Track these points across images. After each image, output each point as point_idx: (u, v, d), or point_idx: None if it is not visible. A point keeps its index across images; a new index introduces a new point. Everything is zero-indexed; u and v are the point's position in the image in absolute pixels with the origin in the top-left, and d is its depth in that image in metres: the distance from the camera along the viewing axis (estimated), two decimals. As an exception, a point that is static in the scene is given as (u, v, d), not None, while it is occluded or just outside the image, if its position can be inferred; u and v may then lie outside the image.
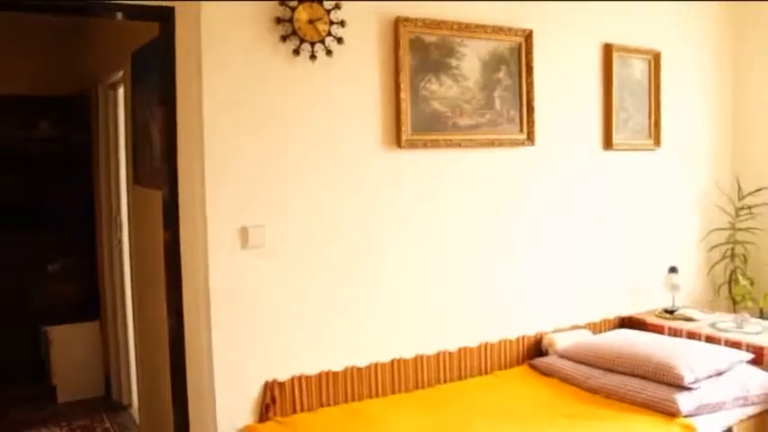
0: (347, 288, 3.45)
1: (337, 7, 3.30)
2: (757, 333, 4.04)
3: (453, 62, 3.68)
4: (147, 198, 3.99)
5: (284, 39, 3.20)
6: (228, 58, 3.10)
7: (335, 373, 3.41)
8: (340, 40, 3.31)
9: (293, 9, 3.19)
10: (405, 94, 3.51)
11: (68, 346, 5.32)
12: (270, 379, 3.24)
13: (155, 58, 3.41)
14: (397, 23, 3.49)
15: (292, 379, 3.29)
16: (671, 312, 4.43)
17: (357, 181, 3.46)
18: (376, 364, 3.53)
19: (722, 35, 5.01)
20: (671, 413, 3.27)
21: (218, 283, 3.11)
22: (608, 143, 4.34)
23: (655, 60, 4.55)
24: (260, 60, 3.17)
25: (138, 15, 3.25)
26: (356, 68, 3.43)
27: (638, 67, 4.49)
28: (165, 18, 3.21)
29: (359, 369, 3.48)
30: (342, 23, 3.31)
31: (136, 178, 4.32)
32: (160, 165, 3.38)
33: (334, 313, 3.42)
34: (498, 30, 3.81)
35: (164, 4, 3.18)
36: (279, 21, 3.18)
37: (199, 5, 3.04)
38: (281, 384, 3.26)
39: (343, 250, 3.43)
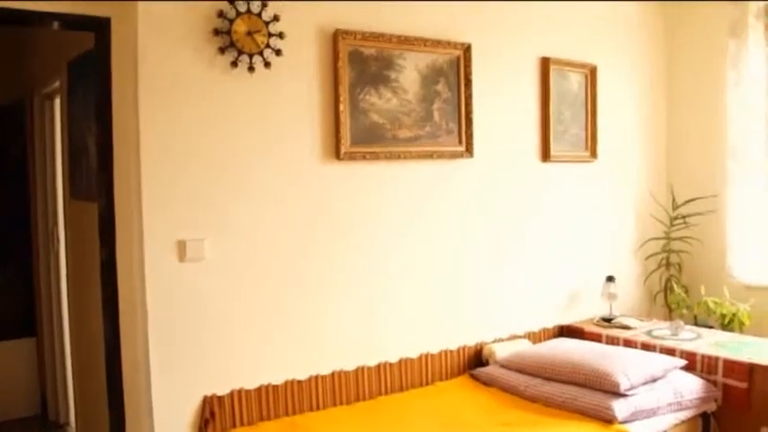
0: (287, 301, 3.44)
1: (276, 19, 3.29)
2: (691, 340, 4.14)
3: (392, 75, 3.71)
4: (83, 212, 3.92)
5: (222, 50, 3.18)
6: (165, 69, 3.07)
7: (275, 387, 3.38)
8: (279, 53, 3.31)
9: (231, 21, 3.18)
10: (344, 107, 3.52)
11: (3, 363, 5.18)
12: (209, 394, 3.20)
13: (91, 69, 3.36)
14: (336, 36, 3.50)
15: (231, 393, 3.26)
16: (608, 321, 4.52)
17: (297, 194, 3.45)
18: (316, 377, 3.52)
19: (656, 49, 5.15)
20: (607, 420, 3.33)
21: (156, 298, 3.06)
22: (545, 155, 4.42)
23: (591, 74, 4.65)
24: (197, 72, 3.15)
25: (73, 25, 3.20)
26: (295, 81, 3.43)
27: (575, 81, 4.58)
28: (101, 28, 3.18)
29: (299, 382, 3.46)
30: (280, 35, 3.30)
31: (72, 191, 4.24)
32: (96, 178, 3.33)
33: (274, 326, 3.40)
34: (437, 43, 3.85)
35: (100, 14, 3.14)
36: (217, 32, 3.16)
37: (136, 16, 3.01)
38: (220, 399, 3.22)
39: (283, 263, 3.42)
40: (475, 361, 4.11)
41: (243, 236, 3.30)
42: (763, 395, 3.65)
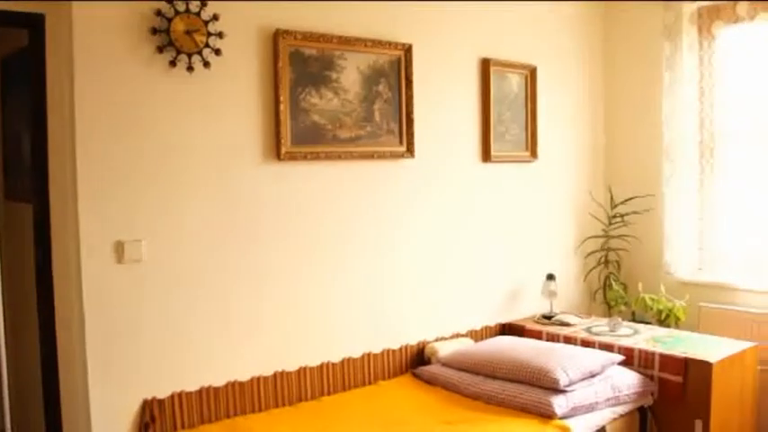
0: (228, 302, 3.41)
1: (215, 18, 3.26)
2: (628, 336, 4.23)
3: (333, 75, 3.71)
4: (18, 213, 3.83)
5: (160, 50, 3.14)
6: (102, 68, 3.02)
7: (216, 389, 3.36)
8: (218, 52, 3.28)
9: (170, 20, 3.14)
10: (284, 107, 3.51)
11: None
12: (148, 397, 3.16)
13: (25, 67, 3.28)
14: (277, 36, 3.49)
15: (172, 396, 3.22)
16: (549, 318, 4.59)
17: (237, 194, 3.43)
18: (258, 378, 3.50)
19: (595, 52, 5.24)
20: (547, 415, 3.39)
21: (93, 300, 3.02)
22: (486, 155, 4.46)
23: (531, 75, 4.71)
24: (135, 71, 3.10)
25: (5, 21, 3.12)
26: (235, 80, 3.40)
27: (515, 82, 4.64)
28: (35, 25, 3.11)
29: (241, 383, 3.44)
30: (220, 35, 3.27)
31: (7, 192, 4.14)
32: (31, 178, 3.26)
33: (215, 328, 3.37)
34: (378, 43, 3.86)
35: (33, 10, 3.08)
36: (155, 31, 3.12)
37: (71, 13, 2.95)
38: (161, 402, 3.18)
39: (223, 264, 3.39)
40: (417, 360, 4.14)
41: (182, 237, 3.26)
42: (696, 389, 3.74)
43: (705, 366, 3.73)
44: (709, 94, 4.86)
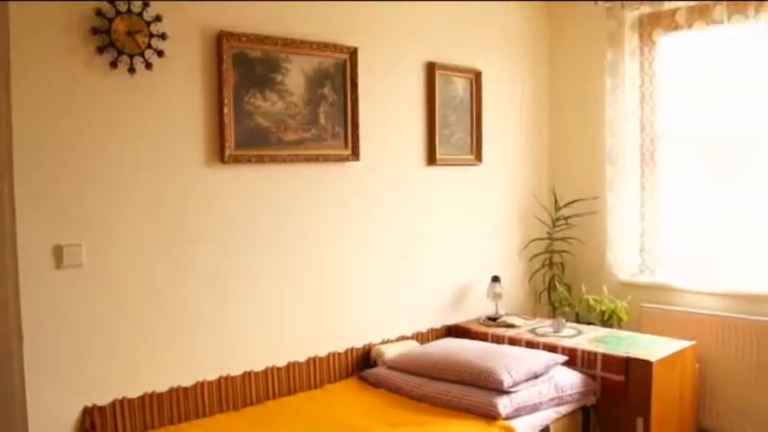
0: (170, 307, 3.37)
1: (158, 19, 3.22)
2: (572, 336, 4.29)
3: (278, 77, 3.69)
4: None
5: (101, 50, 3.09)
6: (40, 69, 2.95)
7: (160, 395, 3.31)
8: (161, 54, 3.24)
9: (111, 20, 3.09)
10: (228, 109, 3.48)
11: None
12: (89, 404, 3.10)
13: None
14: (221, 38, 3.46)
15: (113, 403, 3.16)
16: (494, 320, 4.63)
17: (179, 198, 3.38)
18: (202, 383, 3.46)
19: (540, 56, 5.31)
20: (492, 416, 3.42)
21: (31, 306, 2.94)
22: (431, 158, 4.48)
23: (476, 79, 4.75)
24: (74, 72, 3.04)
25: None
26: (178, 82, 3.36)
27: (461, 85, 4.67)
28: (-31, 25, 3.03)
29: (184, 389, 3.39)
30: (163, 36, 3.23)
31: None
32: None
33: (157, 333, 3.32)
34: (323, 46, 3.86)
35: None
36: (95, 31, 3.06)
37: (7, 12, 2.88)
38: (102, 409, 3.13)
39: (165, 268, 3.35)
40: (363, 363, 4.14)
41: (123, 241, 3.21)
42: (638, 387, 3.82)
43: (645, 365, 3.80)
44: (650, 99, 4.96)
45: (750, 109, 4.43)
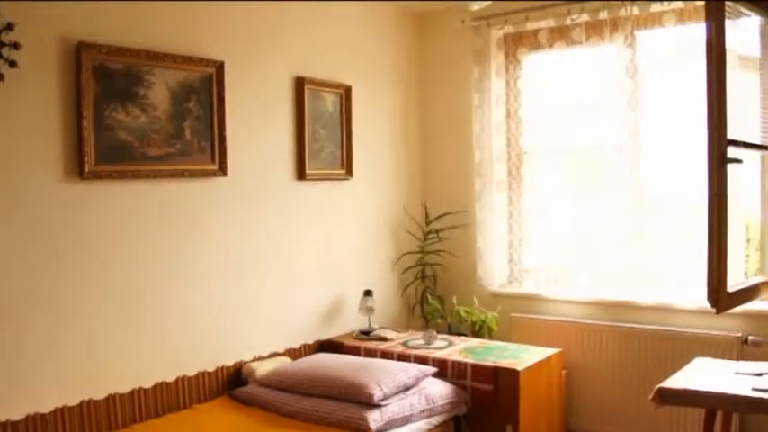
0: (26, 330, 3.19)
1: (10, 28, 3.06)
2: (443, 348, 4.36)
3: (141, 91, 3.59)
4: None
5: (-54, 60, 2.93)
6: None
7: (15, 423, 3.12)
8: (13, 64, 3.08)
9: (-44, 29, 2.94)
10: (87, 123, 3.34)
11: None
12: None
13: None
14: (80, 49, 3.33)
15: (-38, 433, 3.00)
16: (367, 333, 4.65)
17: (33, 215, 3.21)
18: (62, 408, 3.29)
19: (410, 72, 5.40)
20: (362, 430, 3.43)
21: None
22: (301, 173, 4.46)
23: (346, 94, 4.78)
24: None
25: None
26: (33, 95, 3.20)
27: (330, 101, 4.68)
28: None
29: (42, 416, 3.21)
30: (15, 45, 3.07)
31: None
32: None
33: (11, 358, 3.14)
34: (188, 60, 3.78)
35: None
36: (-61, 41, 2.91)
37: None
38: (-51, 440, 2.95)
39: (21, 288, 3.17)
40: (235, 381, 4.06)
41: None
42: (506, 395, 3.93)
43: (513, 374, 3.91)
44: (515, 115, 5.13)
45: (605, 125, 4.65)
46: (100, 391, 3.46)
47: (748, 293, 3.85)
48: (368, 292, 4.75)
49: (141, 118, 3.59)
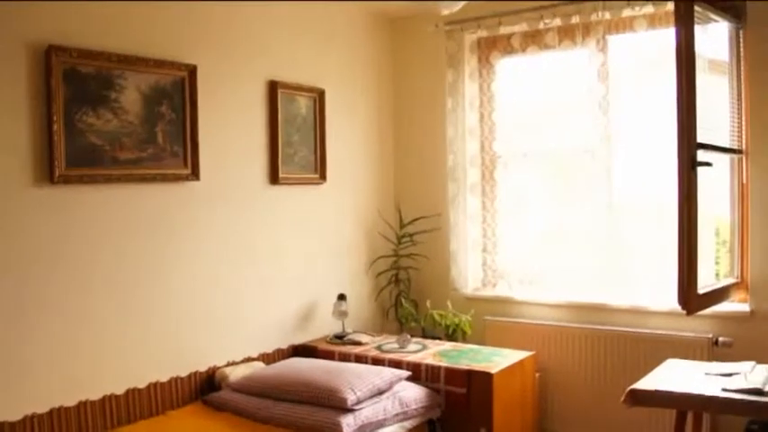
0: (-5, 335, 3.16)
1: (-24, 30, 3.05)
2: (416, 351, 4.36)
3: (113, 95, 3.56)
4: None
5: None
6: None
7: (-29, 428, 3.09)
8: (-20, 67, 3.06)
9: (-77, 31, 2.90)
10: (58, 127, 3.31)
11: None
12: None
13: None
14: (50, 52, 3.29)
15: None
16: (341, 338, 4.64)
17: (2, 222, 3.17)
18: (32, 416, 3.24)
19: (384, 77, 5.41)
20: (336, 435, 3.41)
21: None
22: (274, 177, 4.45)
23: (319, 98, 4.77)
24: None
25: None
26: (1, 98, 3.17)
27: (304, 104, 4.67)
28: None
29: (11, 424, 3.17)
30: (-18, 48, 3.06)
31: None
32: None
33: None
34: (161, 63, 3.76)
35: None
36: None
37: None
38: None
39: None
40: (208, 386, 4.04)
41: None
42: (480, 398, 3.94)
43: (486, 377, 3.92)
44: (489, 119, 5.15)
45: (578, 129, 4.68)
46: (71, 398, 3.42)
47: (718, 295, 3.91)
48: (342, 296, 4.75)
49: (113, 122, 3.56)
